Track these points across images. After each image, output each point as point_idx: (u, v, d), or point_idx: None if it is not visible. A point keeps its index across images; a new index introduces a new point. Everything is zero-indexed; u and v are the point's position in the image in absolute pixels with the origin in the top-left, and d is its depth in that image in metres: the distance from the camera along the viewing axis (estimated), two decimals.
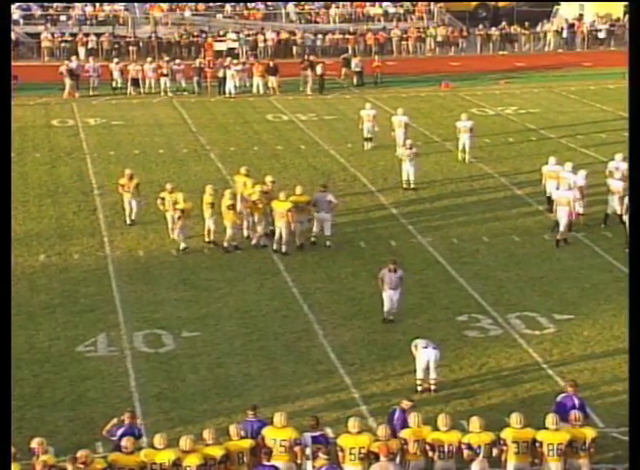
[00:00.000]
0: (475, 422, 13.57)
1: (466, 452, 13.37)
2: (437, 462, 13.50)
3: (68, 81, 40.75)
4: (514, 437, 13.39)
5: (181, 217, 22.88)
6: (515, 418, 13.56)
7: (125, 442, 13.15)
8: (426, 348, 16.36)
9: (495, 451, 13.43)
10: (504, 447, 13.39)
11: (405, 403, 14.26)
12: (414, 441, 13.45)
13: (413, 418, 13.67)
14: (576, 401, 14.27)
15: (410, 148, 27.60)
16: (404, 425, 13.85)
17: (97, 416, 15.61)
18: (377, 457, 13.09)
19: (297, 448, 13.40)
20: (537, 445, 13.37)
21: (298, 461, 13.50)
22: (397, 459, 13.35)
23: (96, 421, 15.34)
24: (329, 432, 14.50)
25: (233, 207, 22.73)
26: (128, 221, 24.69)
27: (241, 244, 23.03)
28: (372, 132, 31.93)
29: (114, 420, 13.99)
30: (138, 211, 24.75)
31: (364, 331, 18.82)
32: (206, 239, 23.30)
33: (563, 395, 14.57)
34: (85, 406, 16.09)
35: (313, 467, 13.24)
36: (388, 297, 19.03)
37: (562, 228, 23.21)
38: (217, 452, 13.14)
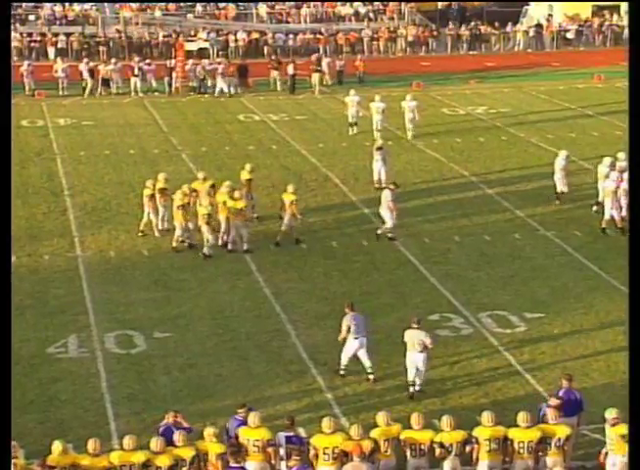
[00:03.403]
0: (446, 421, 13.63)
1: (438, 451, 13.43)
2: (410, 460, 13.55)
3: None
4: (486, 435, 13.45)
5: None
6: (486, 417, 13.62)
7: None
8: (411, 351, 16.25)
9: (467, 449, 13.49)
10: (476, 446, 13.46)
11: (554, 401, 14.11)
12: (384, 440, 13.48)
13: (382, 417, 13.70)
14: (577, 395, 14.32)
15: (380, 149, 27.66)
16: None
17: (68, 418, 15.55)
18: (347, 456, 13.11)
19: (269, 449, 13.39)
20: (508, 442, 13.44)
21: (272, 462, 13.49)
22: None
23: (67, 423, 15.28)
24: (301, 432, 14.50)
25: (183, 207, 22.66)
26: (161, 227, 23.88)
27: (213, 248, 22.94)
28: (356, 117, 33.75)
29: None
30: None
31: (336, 331, 18.74)
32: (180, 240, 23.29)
33: (563, 390, 14.43)
34: (56, 408, 16.00)
35: (287, 467, 13.24)
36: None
37: (606, 216, 23.76)
38: (188, 453, 13.10)
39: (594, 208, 25.29)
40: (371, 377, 16.91)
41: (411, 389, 16.31)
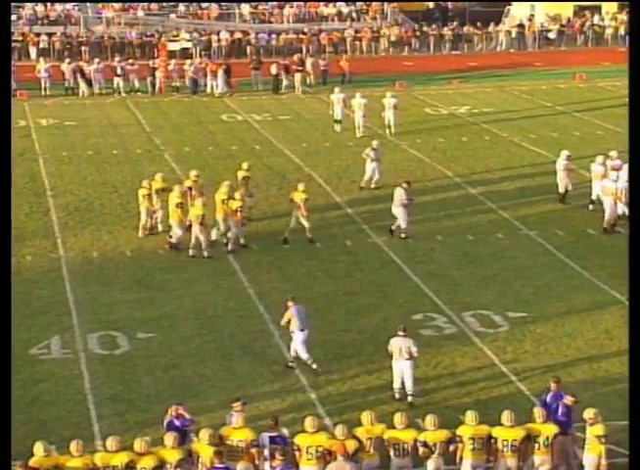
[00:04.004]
0: (430, 420, 13.65)
1: (421, 450, 13.45)
2: (394, 460, 13.56)
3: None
4: (469, 434, 13.47)
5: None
6: (470, 416, 13.65)
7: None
8: (398, 360, 16.09)
9: (451, 449, 13.52)
10: (459, 445, 13.49)
11: (569, 399, 14.15)
12: (367, 438, 13.50)
13: (365, 416, 13.72)
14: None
15: (375, 149, 27.74)
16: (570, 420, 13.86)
17: (51, 419, 15.50)
18: (330, 455, 13.12)
19: (253, 450, 13.39)
20: (492, 441, 13.47)
21: (256, 462, 13.49)
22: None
23: (50, 424, 15.23)
24: (285, 432, 14.50)
25: (181, 205, 22.65)
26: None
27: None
28: (341, 115, 34.27)
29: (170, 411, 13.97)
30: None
31: (320, 331, 18.84)
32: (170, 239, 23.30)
33: (551, 393, 14.42)
34: (39, 409, 15.95)
35: (271, 467, 13.25)
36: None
37: (607, 217, 23.81)
38: (174, 455, 13.05)
39: (590, 207, 25.39)
40: (314, 366, 17.12)
41: (397, 395, 16.05)
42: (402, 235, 23.72)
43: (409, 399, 15.96)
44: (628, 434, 12.88)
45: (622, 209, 23.89)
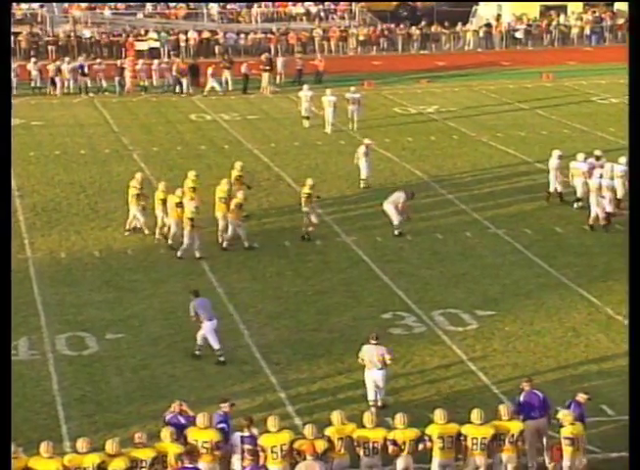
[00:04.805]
0: (399, 418, 13.68)
1: (391, 448, 13.48)
2: (363, 459, 13.57)
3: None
4: (439, 432, 13.52)
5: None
6: (439, 414, 13.69)
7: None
8: (370, 369, 15.85)
9: (420, 447, 13.57)
10: (429, 443, 13.54)
11: (581, 396, 14.14)
12: (338, 438, 13.51)
13: (336, 416, 13.73)
14: (541, 397, 14.33)
15: (367, 145, 27.85)
16: (582, 419, 13.85)
17: (18, 421, 15.36)
18: (300, 455, 13.13)
19: (217, 452, 13.35)
20: (462, 438, 13.54)
21: (232, 460, 13.44)
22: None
23: (17, 426, 15.09)
24: (255, 432, 14.47)
25: (181, 204, 22.60)
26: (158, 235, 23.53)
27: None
28: (309, 112, 34.91)
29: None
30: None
31: (290, 330, 18.86)
32: (157, 235, 23.29)
33: (524, 393, 14.38)
34: None
35: (242, 467, 13.23)
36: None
37: (592, 214, 24.05)
38: (147, 455, 13.00)
39: (575, 205, 25.54)
40: (221, 359, 17.37)
41: (373, 409, 15.55)
42: (396, 232, 23.75)
43: (379, 403, 15.70)
44: (628, 433, 12.98)
45: (603, 203, 24.10)
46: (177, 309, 19.75)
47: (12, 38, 48.41)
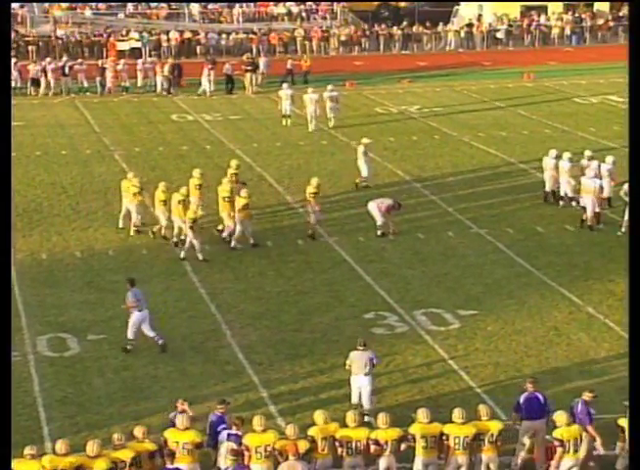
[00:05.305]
0: (382, 418, 13.70)
1: (373, 448, 13.49)
2: (346, 459, 13.58)
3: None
4: (422, 432, 13.54)
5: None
6: (422, 413, 13.72)
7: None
8: (357, 374, 15.65)
9: (403, 447, 13.58)
10: (412, 443, 13.56)
11: (587, 395, 14.15)
12: (322, 438, 13.51)
13: (320, 416, 13.73)
14: (541, 398, 14.34)
15: (366, 145, 27.90)
16: (590, 417, 13.89)
17: None
18: (282, 455, 13.12)
19: (197, 451, 13.35)
20: (444, 438, 13.56)
21: (219, 458, 13.45)
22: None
23: None
24: (240, 433, 14.46)
25: (184, 202, 22.59)
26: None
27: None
28: (289, 110, 35.14)
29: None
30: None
31: (272, 330, 18.86)
32: (157, 234, 23.38)
33: (525, 394, 14.41)
34: None
35: (224, 465, 13.23)
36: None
37: (589, 214, 24.06)
38: (127, 455, 12.97)
39: (560, 202, 25.60)
40: (160, 342, 17.64)
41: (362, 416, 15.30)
42: (378, 232, 23.76)
43: (365, 418, 15.14)
44: (629, 433, 13.05)
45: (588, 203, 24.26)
46: (159, 310, 19.70)
47: None
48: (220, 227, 23.60)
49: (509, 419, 15.07)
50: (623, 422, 13.81)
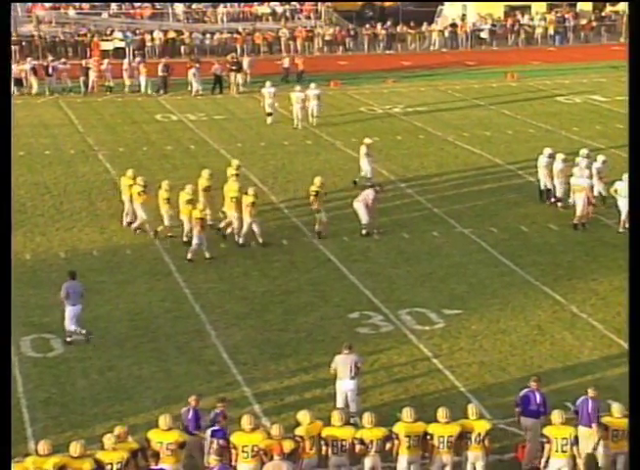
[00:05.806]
0: (367, 418, 13.71)
1: (358, 447, 13.50)
2: (331, 458, 13.59)
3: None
4: (406, 431, 13.56)
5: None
6: (406, 412, 13.73)
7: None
8: (342, 379, 15.52)
9: (387, 446, 13.60)
10: (396, 442, 13.57)
11: (592, 392, 14.15)
12: (308, 438, 13.51)
13: (305, 415, 13.72)
14: (538, 397, 14.36)
15: (369, 145, 27.96)
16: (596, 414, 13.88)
17: None
18: (267, 455, 13.11)
19: (180, 451, 13.34)
20: (428, 437, 13.58)
21: (207, 454, 13.43)
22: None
23: None
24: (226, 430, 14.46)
25: (191, 201, 22.56)
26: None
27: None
28: (272, 108, 35.47)
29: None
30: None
31: (256, 330, 18.84)
32: (160, 235, 23.36)
33: (526, 389, 14.49)
34: None
35: (207, 463, 13.22)
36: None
37: (578, 213, 24.13)
38: (113, 457, 12.87)
39: (556, 202, 25.68)
40: (68, 340, 18.03)
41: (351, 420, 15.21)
42: (363, 232, 23.78)
43: (351, 420, 14.94)
44: (628, 433, 13.07)
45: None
46: (143, 310, 19.68)
47: None
48: (222, 224, 23.56)
49: (493, 418, 15.13)
50: (607, 420, 13.86)
